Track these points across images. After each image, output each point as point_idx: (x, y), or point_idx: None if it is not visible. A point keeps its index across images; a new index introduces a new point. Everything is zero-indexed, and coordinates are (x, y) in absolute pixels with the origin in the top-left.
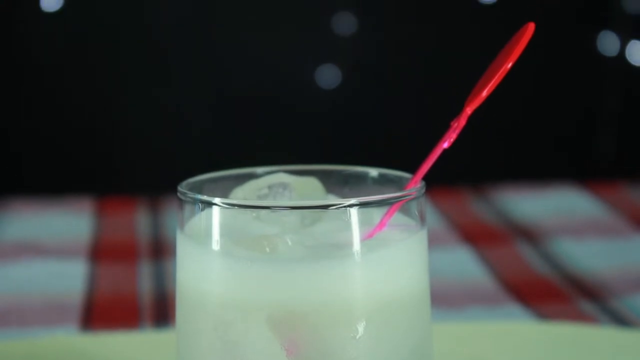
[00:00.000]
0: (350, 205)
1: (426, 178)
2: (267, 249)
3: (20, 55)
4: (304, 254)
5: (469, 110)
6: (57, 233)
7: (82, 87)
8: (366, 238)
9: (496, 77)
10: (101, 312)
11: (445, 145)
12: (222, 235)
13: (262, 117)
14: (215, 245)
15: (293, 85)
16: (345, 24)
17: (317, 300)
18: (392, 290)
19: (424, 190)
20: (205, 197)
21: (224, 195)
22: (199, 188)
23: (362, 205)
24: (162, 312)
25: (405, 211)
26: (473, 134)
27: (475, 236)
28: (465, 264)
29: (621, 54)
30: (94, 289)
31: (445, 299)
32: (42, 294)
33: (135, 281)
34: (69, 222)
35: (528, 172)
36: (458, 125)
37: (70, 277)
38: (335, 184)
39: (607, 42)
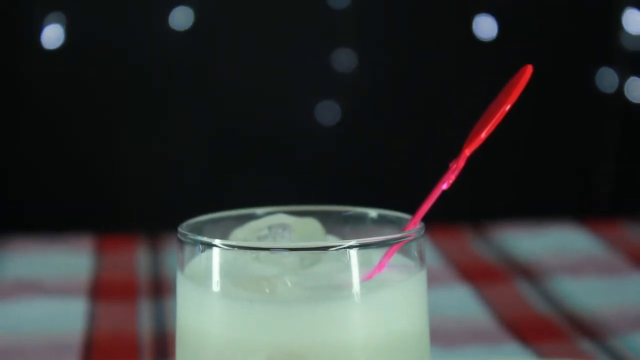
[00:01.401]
0: (350, 247)
1: (425, 216)
2: (267, 290)
3: (21, 94)
4: (304, 295)
5: (467, 152)
6: (57, 271)
7: (82, 125)
8: (366, 279)
9: (494, 120)
10: (101, 351)
11: (444, 187)
12: (222, 276)
13: (262, 155)
14: (215, 286)
15: (292, 122)
16: (345, 60)
17: (316, 342)
18: (392, 332)
19: (423, 231)
20: (205, 239)
21: (224, 236)
22: (199, 229)
23: (361, 246)
24: (162, 351)
25: (405, 252)
26: (472, 172)
27: (475, 274)
28: (464, 303)
29: (620, 91)
30: (94, 328)
31: (444, 337)
32: (42, 332)
33: (135, 320)
34: (69, 260)
35: (527, 210)
36: (457, 167)
37: (70, 316)
38: (335, 224)
39: (606, 79)
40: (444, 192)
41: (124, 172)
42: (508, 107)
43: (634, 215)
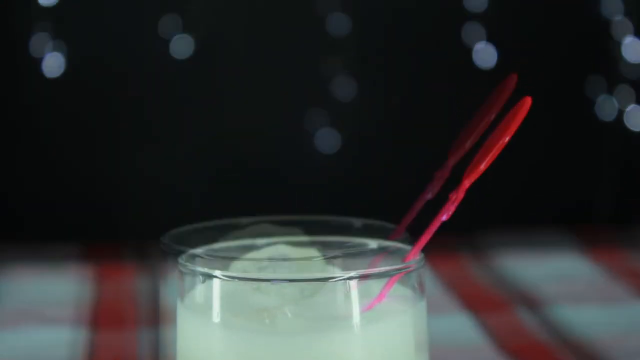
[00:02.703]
0: (350, 278)
1: (425, 244)
2: (267, 321)
3: (13, 109)
4: (304, 326)
5: (467, 183)
6: (56, 300)
7: (79, 152)
8: (366, 310)
9: (494, 151)
10: None
11: (444, 218)
12: (222, 307)
13: (259, 183)
14: (215, 317)
15: (291, 150)
16: (344, 89)
17: None
18: None
19: (423, 262)
20: (205, 270)
21: (224, 267)
22: (184, 239)
23: (361, 277)
24: None
25: (405, 282)
26: (473, 201)
27: (475, 302)
28: (464, 331)
29: (619, 119)
30: (93, 357)
31: None
32: None
33: (135, 348)
34: (68, 288)
35: (528, 238)
36: (457, 198)
37: (69, 345)
38: (320, 234)
39: (606, 107)
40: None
41: (124, 198)
42: (507, 138)
43: (635, 243)
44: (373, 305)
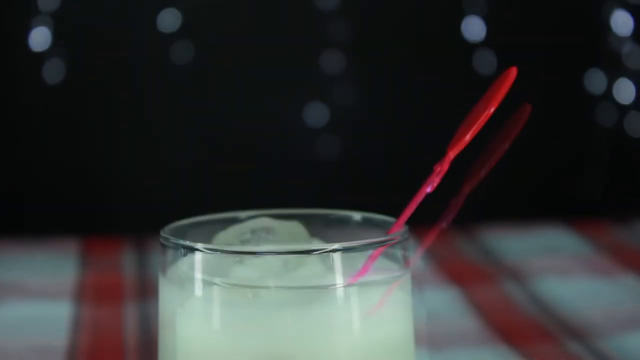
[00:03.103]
0: (334, 250)
1: (412, 217)
2: (250, 294)
3: (5, 96)
4: (287, 298)
5: (452, 154)
6: (42, 274)
7: (69, 130)
8: (349, 283)
9: (479, 122)
10: (86, 355)
11: (429, 189)
12: (204, 280)
13: (248, 157)
14: (198, 290)
15: (280, 124)
16: (333, 63)
17: (299, 346)
18: (376, 335)
19: (407, 234)
20: (187, 243)
21: (207, 240)
22: (181, 233)
23: (345, 250)
24: (147, 355)
25: (389, 255)
26: (460, 174)
27: (461, 276)
28: (451, 305)
29: (609, 92)
30: (79, 331)
31: (431, 340)
32: (26, 336)
33: (120, 323)
34: (54, 263)
35: (514, 211)
36: (441, 170)
37: (55, 319)
38: (319, 228)
39: (595, 81)
40: (431, 195)
41: (110, 175)
42: (492, 109)
43: (622, 217)
44: (357, 278)
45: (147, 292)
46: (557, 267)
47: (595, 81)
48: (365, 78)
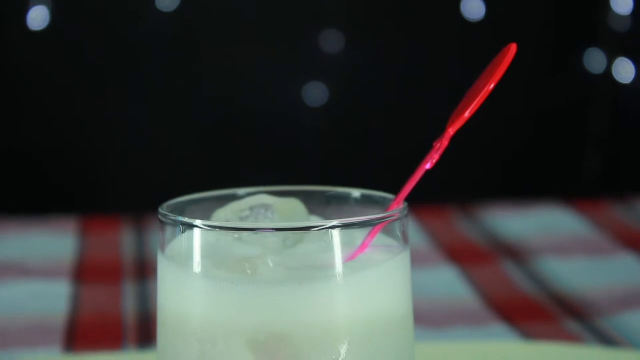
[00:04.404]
0: (333, 227)
1: (411, 196)
2: (249, 271)
3: (4, 75)
4: (286, 276)
5: (451, 131)
6: (41, 253)
7: (67, 107)
8: (348, 260)
9: (479, 98)
10: (84, 333)
11: (428, 166)
12: (203, 257)
13: (247, 136)
14: (197, 267)
15: (280, 104)
16: (332, 42)
17: (298, 322)
18: (375, 312)
19: (406, 211)
20: (186, 219)
21: (206, 217)
22: (180, 210)
23: (344, 226)
24: (145, 333)
25: (388, 232)
26: (459, 152)
27: (461, 255)
28: (450, 284)
29: (608, 72)
30: (78, 310)
31: (430, 318)
32: (25, 315)
33: (119, 301)
34: (53, 242)
35: (514, 190)
36: (441, 146)
37: (53, 298)
38: (318, 205)
39: (594, 60)
40: (432, 173)
41: (108, 154)
42: (492, 85)
43: (621, 196)
44: (356, 255)
45: (145, 270)
46: (556, 246)
47: (594, 60)
48: (365, 57)
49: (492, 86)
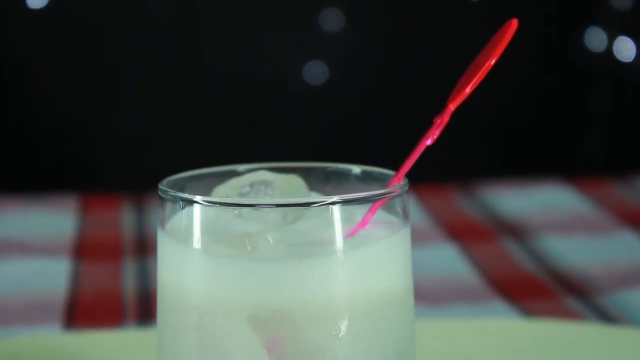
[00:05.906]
0: (333, 203)
1: (412, 174)
2: (249, 247)
3: (2, 53)
4: (286, 252)
5: (452, 107)
6: (41, 231)
7: (66, 85)
8: (348, 236)
9: (479, 74)
10: (84, 311)
11: (429, 142)
12: (203, 233)
13: (247, 114)
14: (196, 243)
15: (279, 82)
16: (332, 20)
17: (298, 299)
18: (375, 288)
19: (407, 187)
20: (186, 195)
21: (206, 193)
22: (180, 186)
23: (344, 202)
24: (145, 310)
25: (389, 208)
26: (459, 130)
27: (461, 233)
28: (450, 261)
29: (609, 50)
30: (78, 287)
31: (430, 296)
32: (25, 292)
33: (119, 279)
34: (53, 219)
35: (514, 168)
36: (441, 122)
37: (53, 275)
38: (318, 181)
39: (595, 38)
40: (431, 151)
41: (107, 131)
42: (493, 61)
43: (622, 174)
44: (356, 231)
45: (145, 247)
46: (557, 223)
47: (595, 39)
48: (365, 35)
49: (493, 61)
